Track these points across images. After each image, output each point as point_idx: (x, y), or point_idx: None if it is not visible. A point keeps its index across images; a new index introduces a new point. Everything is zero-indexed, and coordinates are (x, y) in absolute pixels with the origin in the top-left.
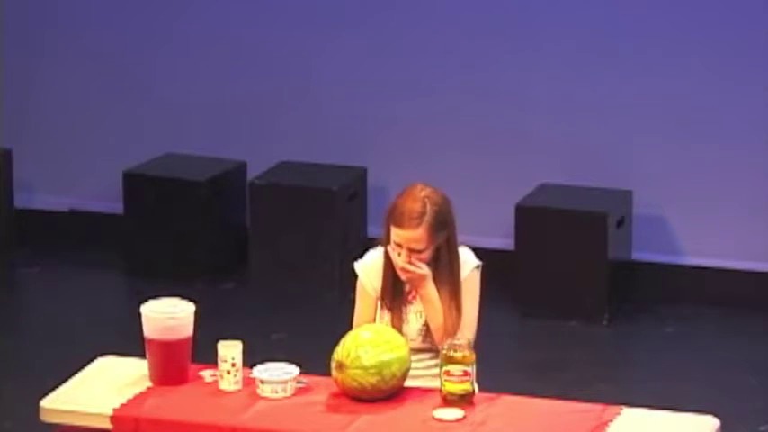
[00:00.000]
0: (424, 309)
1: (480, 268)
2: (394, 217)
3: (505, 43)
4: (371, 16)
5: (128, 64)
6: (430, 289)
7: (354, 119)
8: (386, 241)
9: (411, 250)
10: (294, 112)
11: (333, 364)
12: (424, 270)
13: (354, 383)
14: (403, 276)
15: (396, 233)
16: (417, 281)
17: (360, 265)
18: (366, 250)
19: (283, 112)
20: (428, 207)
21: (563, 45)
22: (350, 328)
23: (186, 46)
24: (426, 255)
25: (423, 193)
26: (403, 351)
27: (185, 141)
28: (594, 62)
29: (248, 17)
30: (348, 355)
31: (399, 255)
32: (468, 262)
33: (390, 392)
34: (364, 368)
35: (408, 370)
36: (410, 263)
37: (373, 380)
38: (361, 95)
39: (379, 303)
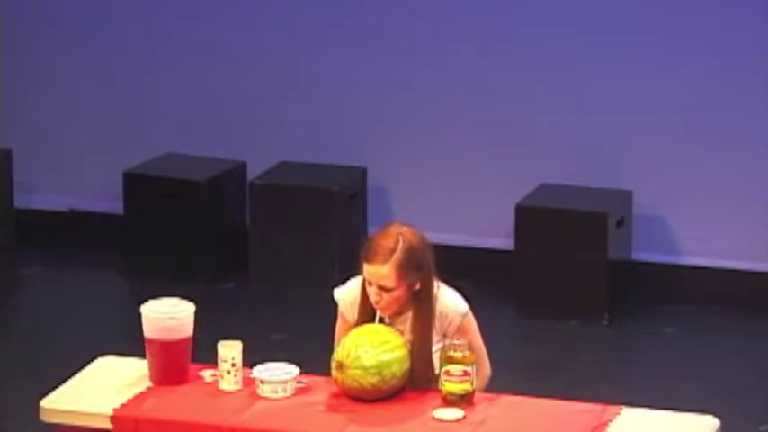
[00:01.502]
0: None
1: (469, 312)
2: (365, 253)
3: (506, 44)
4: (372, 16)
5: (128, 64)
6: None
7: (354, 119)
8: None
9: (380, 288)
10: (294, 112)
11: (333, 364)
12: None
13: (354, 383)
14: (378, 310)
15: (365, 269)
16: None
17: (338, 294)
18: (348, 278)
19: (283, 112)
20: (399, 245)
21: (563, 45)
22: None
23: (186, 46)
24: (398, 294)
25: (397, 231)
26: (402, 351)
27: (185, 141)
28: (595, 62)
29: (248, 17)
30: (348, 355)
31: (371, 292)
32: (454, 312)
33: (390, 392)
34: (364, 368)
35: (408, 370)
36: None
37: (373, 380)
38: (361, 95)
39: None
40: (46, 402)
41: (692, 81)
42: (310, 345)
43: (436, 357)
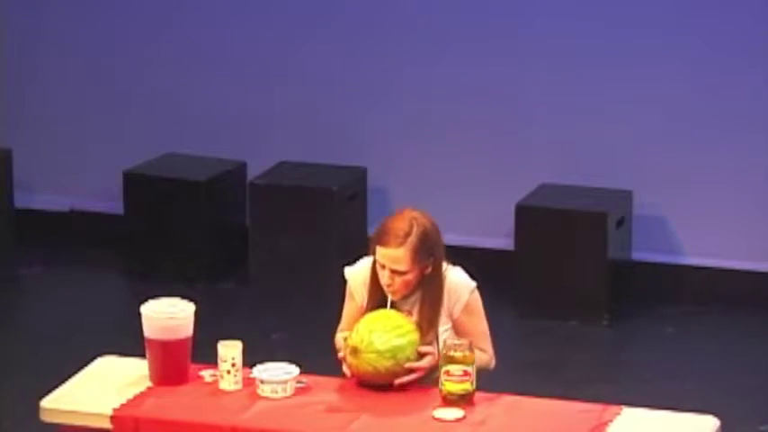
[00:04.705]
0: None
1: (476, 289)
2: (379, 236)
3: (506, 43)
4: (371, 16)
5: (128, 64)
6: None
7: (354, 119)
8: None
9: (394, 272)
10: (294, 112)
11: (347, 350)
12: (426, 364)
13: (369, 368)
14: (388, 294)
15: (379, 252)
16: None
17: (349, 273)
18: (360, 257)
19: (283, 112)
20: (414, 228)
21: (563, 45)
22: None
23: (186, 46)
24: (410, 278)
25: (411, 215)
26: (415, 336)
27: (185, 141)
28: (595, 62)
29: (248, 17)
30: (362, 341)
31: (383, 275)
32: (462, 287)
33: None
34: (379, 352)
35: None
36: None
37: (388, 363)
38: (361, 95)
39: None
40: (46, 402)
41: (693, 81)
42: (310, 345)
43: (443, 339)
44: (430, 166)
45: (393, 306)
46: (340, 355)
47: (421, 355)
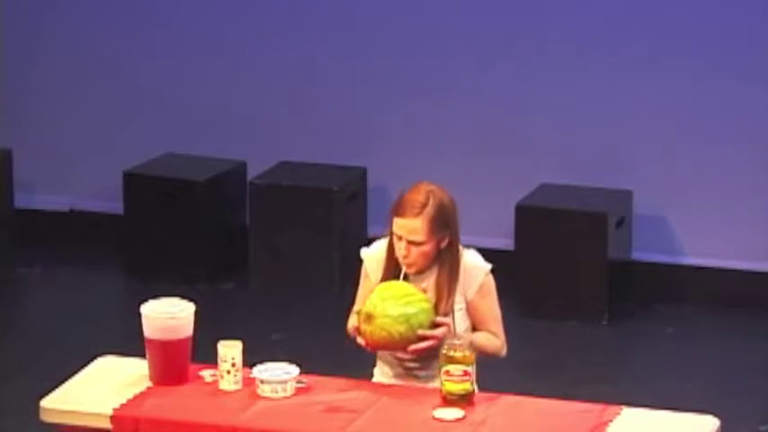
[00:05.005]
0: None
1: (491, 272)
2: (395, 207)
3: (506, 43)
4: (372, 17)
5: (128, 64)
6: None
7: (354, 119)
8: (390, 235)
9: (410, 243)
10: (294, 112)
11: (360, 318)
12: (440, 333)
13: (384, 333)
14: (404, 266)
15: (396, 223)
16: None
17: (365, 253)
18: (372, 241)
19: (283, 112)
20: (431, 200)
21: (563, 45)
22: None
23: (186, 46)
24: (426, 249)
25: (427, 188)
26: (426, 304)
27: (185, 141)
28: (595, 62)
29: (249, 17)
30: (375, 307)
31: (400, 247)
32: (478, 268)
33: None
34: (392, 317)
35: (434, 323)
36: (407, 256)
37: (402, 328)
38: (361, 95)
39: None
40: (46, 402)
41: (692, 81)
42: (310, 345)
43: (458, 317)
44: (430, 166)
45: (407, 281)
46: (352, 328)
47: (435, 326)
